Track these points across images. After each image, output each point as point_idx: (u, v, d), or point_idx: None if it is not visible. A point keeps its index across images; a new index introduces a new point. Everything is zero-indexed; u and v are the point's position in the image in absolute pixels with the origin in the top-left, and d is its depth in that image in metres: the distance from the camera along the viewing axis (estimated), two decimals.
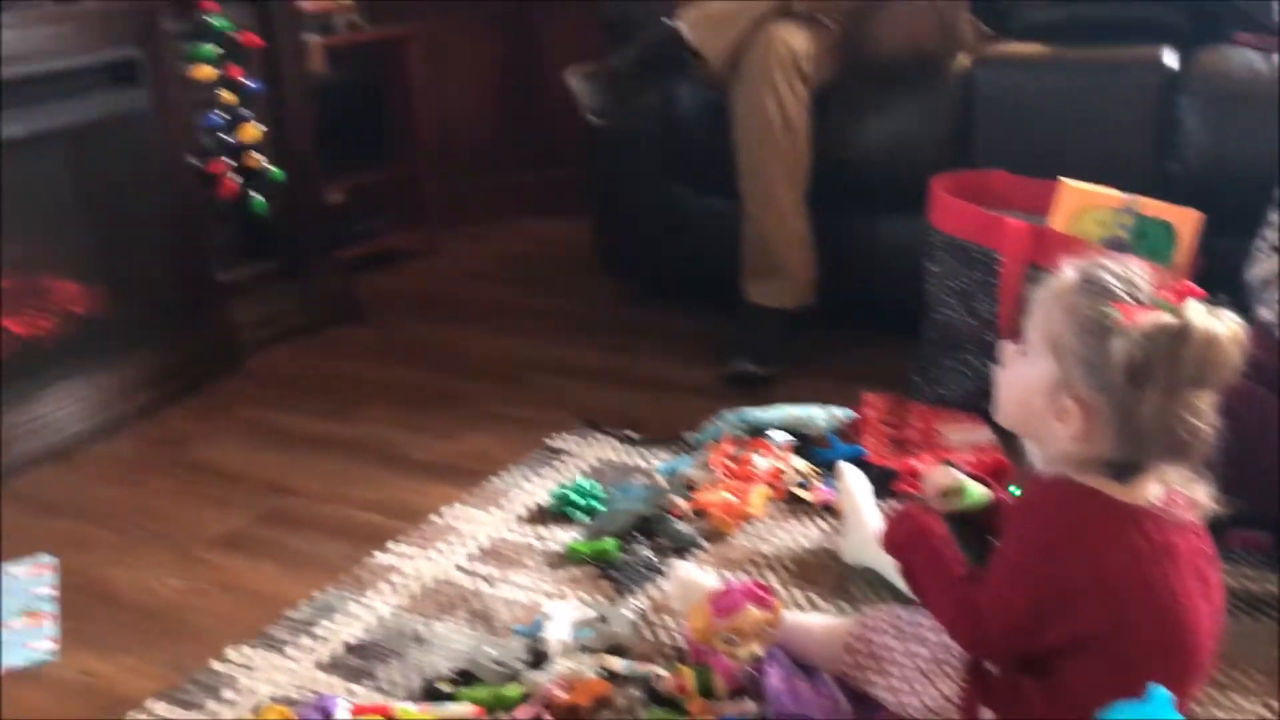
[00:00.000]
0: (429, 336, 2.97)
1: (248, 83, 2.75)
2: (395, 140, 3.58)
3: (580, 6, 3.61)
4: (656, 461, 2.14)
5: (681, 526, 1.87)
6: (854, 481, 1.82)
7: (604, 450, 2.21)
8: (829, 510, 1.93)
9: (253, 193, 2.79)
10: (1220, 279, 1.50)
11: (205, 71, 2.67)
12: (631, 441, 2.24)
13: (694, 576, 1.60)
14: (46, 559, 1.94)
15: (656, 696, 1.46)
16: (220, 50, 2.69)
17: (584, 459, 2.18)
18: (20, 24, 2.27)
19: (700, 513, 1.91)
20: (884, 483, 1.93)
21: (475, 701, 1.47)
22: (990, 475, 1.57)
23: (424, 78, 3.54)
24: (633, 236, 3.03)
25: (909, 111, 2.56)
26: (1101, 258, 1.23)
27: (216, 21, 2.67)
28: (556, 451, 2.22)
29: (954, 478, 1.44)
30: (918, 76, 2.56)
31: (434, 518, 2.00)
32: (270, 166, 2.82)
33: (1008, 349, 1.31)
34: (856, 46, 2.59)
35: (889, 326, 2.57)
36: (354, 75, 3.46)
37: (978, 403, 2.05)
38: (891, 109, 2.58)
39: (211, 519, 2.09)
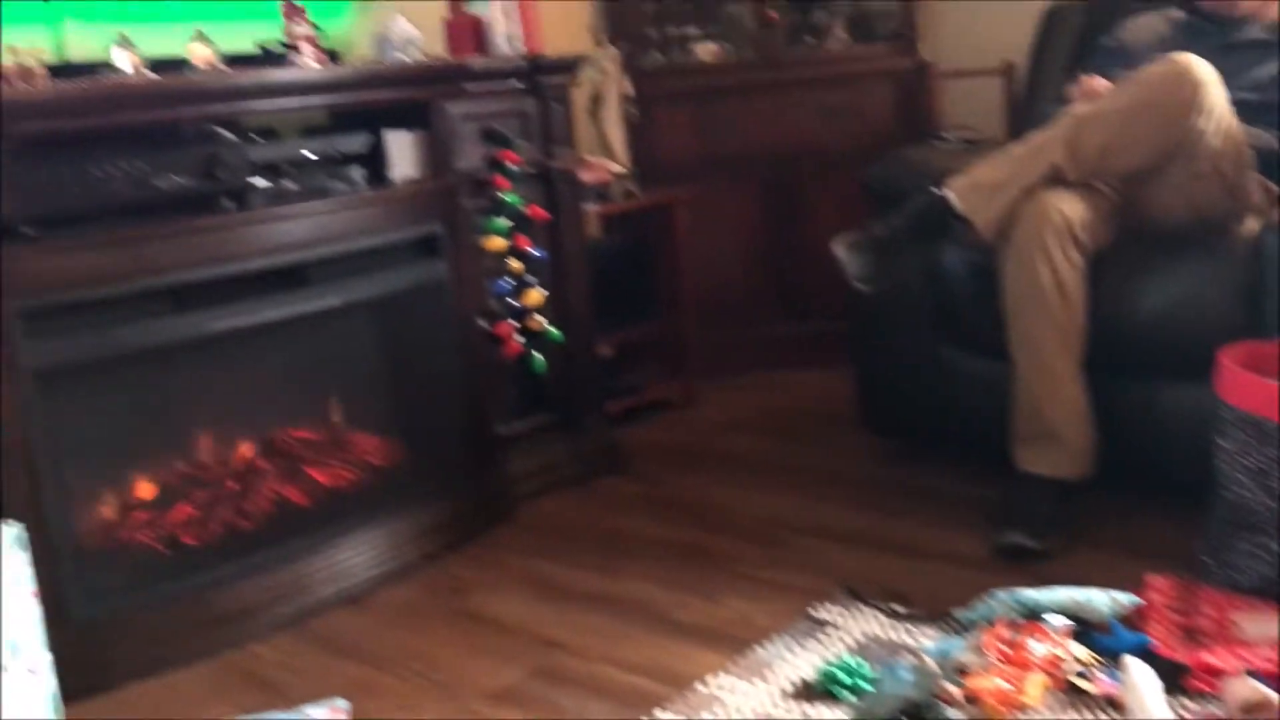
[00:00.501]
0: (689, 490, 3.03)
1: (533, 251, 2.96)
2: (662, 296, 3.73)
3: (841, 171, 3.71)
4: (924, 639, 2.09)
5: (953, 714, 1.81)
6: (1140, 675, 1.73)
7: (869, 624, 2.18)
8: (1112, 704, 1.83)
9: (534, 352, 2.97)
10: None
11: (497, 243, 2.89)
12: (898, 616, 2.20)
13: None
14: (341, 704, 2.08)
15: None
16: (510, 223, 2.91)
17: (849, 633, 2.16)
18: (342, 208, 2.55)
19: (973, 700, 1.85)
20: (1174, 678, 1.82)
21: None
22: None
23: (690, 237, 3.69)
24: (897, 394, 3.01)
25: (1192, 277, 2.47)
26: None
27: (508, 197, 2.89)
28: (821, 623, 2.21)
29: (1259, 692, 1.35)
30: (1201, 241, 2.47)
31: (699, 686, 2.03)
32: (550, 328, 3.00)
33: None
34: (1135, 212, 2.53)
35: (1171, 499, 2.44)
36: (626, 237, 3.65)
37: (1277, 591, 1.91)
38: (1173, 274, 2.49)
39: (487, 671, 2.18)
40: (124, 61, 2.43)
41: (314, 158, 2.59)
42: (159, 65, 2.46)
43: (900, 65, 3.91)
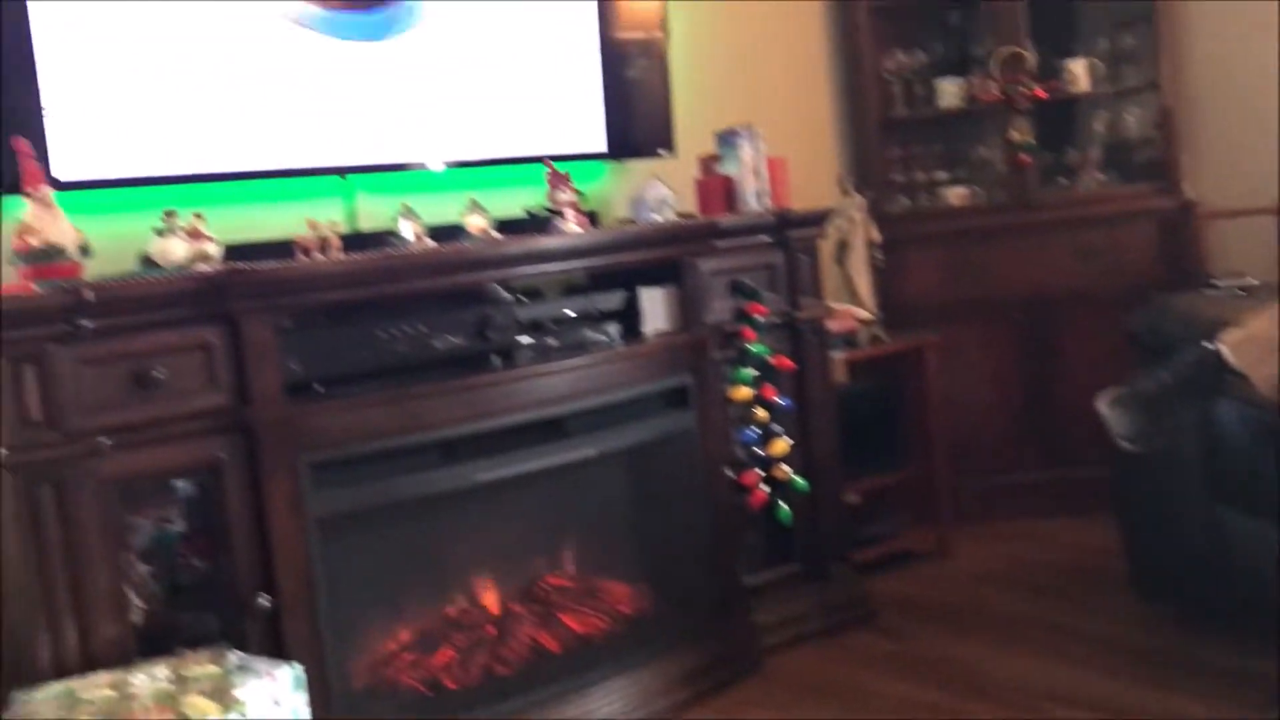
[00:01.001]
0: (941, 648, 2.93)
1: (779, 401, 2.98)
2: (911, 442, 3.67)
3: (1100, 314, 3.58)
4: None
5: None
6: None
7: None
8: None
9: (780, 501, 2.97)
10: None
11: (743, 393, 2.94)
12: None
13: None
14: None
15: None
16: (756, 373, 2.95)
17: None
18: (599, 363, 2.66)
19: None
20: None
21: None
22: None
23: (941, 381, 3.63)
24: (1168, 556, 2.83)
25: None
26: None
27: (755, 348, 2.95)
28: None
29: None
30: None
31: None
32: (796, 477, 3.00)
33: None
34: None
35: None
36: (874, 382, 3.63)
37: None
38: None
39: None
40: (408, 230, 2.64)
41: (574, 315, 2.73)
42: (438, 232, 2.67)
43: (1162, 204, 3.77)
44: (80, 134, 2.41)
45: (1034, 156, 3.83)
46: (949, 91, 3.95)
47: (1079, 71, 3.86)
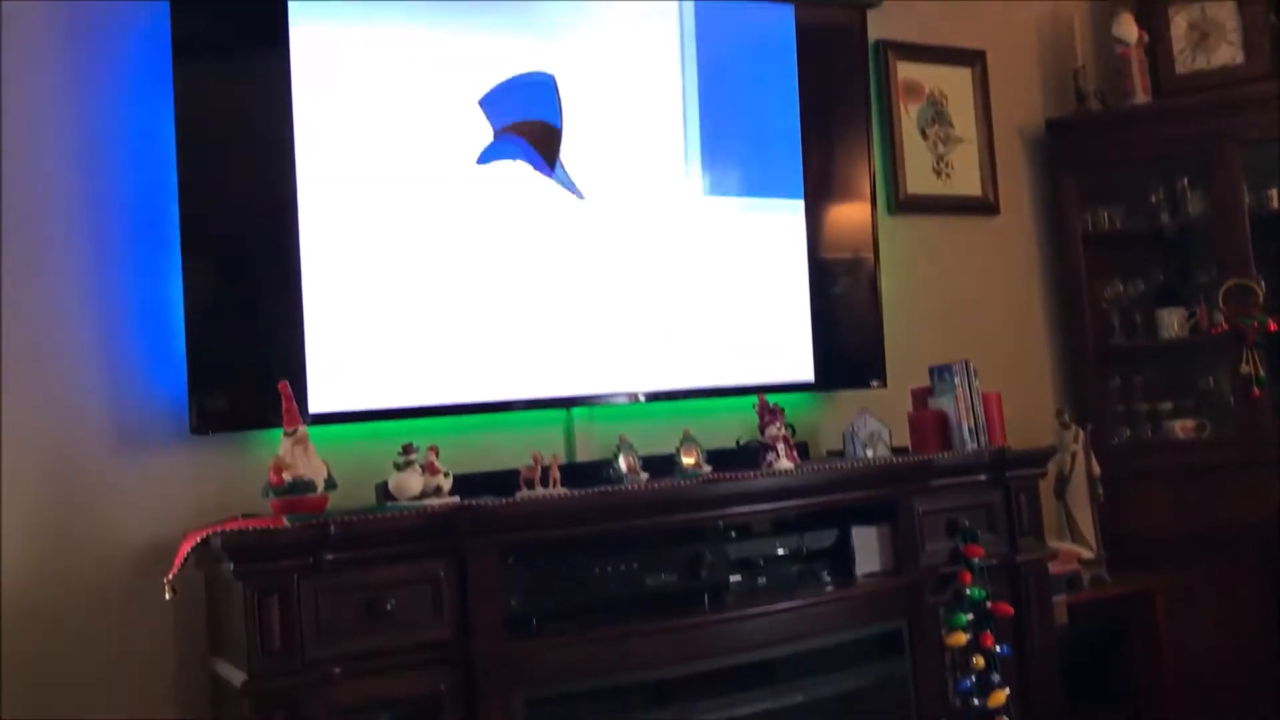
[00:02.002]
0: None
1: (997, 648, 2.85)
2: (1139, 690, 3.43)
3: None
4: None
5: None
6: None
7: None
8: None
9: None
10: None
11: (959, 638, 2.83)
12: None
13: None
14: None
15: None
16: (973, 618, 2.84)
17: None
18: (809, 605, 2.62)
19: None
20: None
21: None
22: None
23: (1171, 625, 3.40)
24: None
25: None
26: None
27: (972, 592, 2.85)
28: None
29: None
30: None
31: None
32: None
33: None
34: None
35: None
36: (1097, 626, 3.43)
37: None
38: None
39: None
40: (623, 463, 2.72)
41: (785, 553, 2.71)
42: (651, 463, 2.73)
43: None
44: (332, 371, 2.62)
45: (1265, 390, 3.66)
46: (1171, 321, 3.85)
47: None
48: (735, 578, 2.64)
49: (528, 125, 2.92)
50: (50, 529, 2.45)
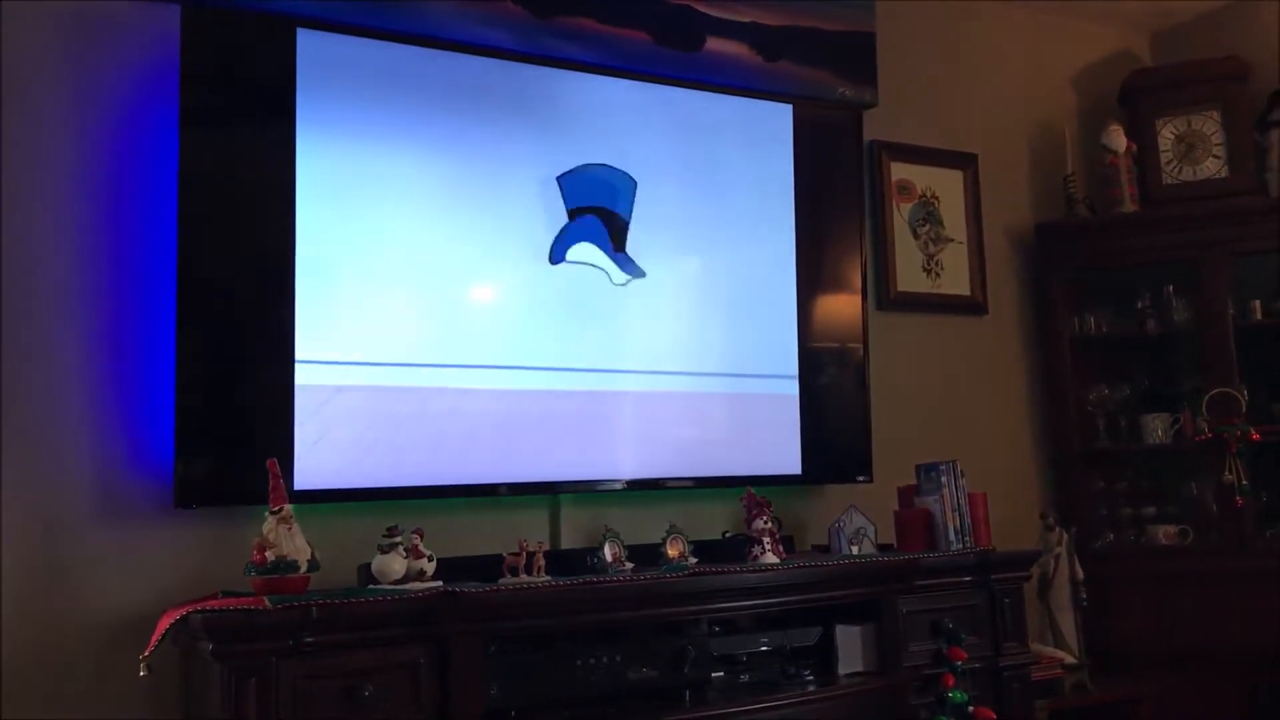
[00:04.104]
0: None
1: None
2: None
3: None
4: None
5: None
6: None
7: None
8: None
9: None
10: None
11: None
12: None
13: None
14: None
15: None
16: None
17: None
18: (792, 705, 2.59)
19: None
20: None
21: None
22: None
23: None
24: None
25: None
26: None
27: (955, 695, 2.82)
28: None
29: None
30: None
31: None
32: None
33: None
34: None
35: None
36: None
37: None
38: None
39: None
40: (608, 553, 2.70)
41: (768, 649, 2.69)
42: (637, 552, 2.72)
43: None
44: (320, 449, 2.61)
45: (1248, 498, 3.67)
46: (1156, 427, 3.88)
47: None
48: (718, 673, 2.61)
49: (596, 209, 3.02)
50: (29, 597, 2.42)
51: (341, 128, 2.71)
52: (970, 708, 2.83)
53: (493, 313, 2.90)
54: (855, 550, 3.00)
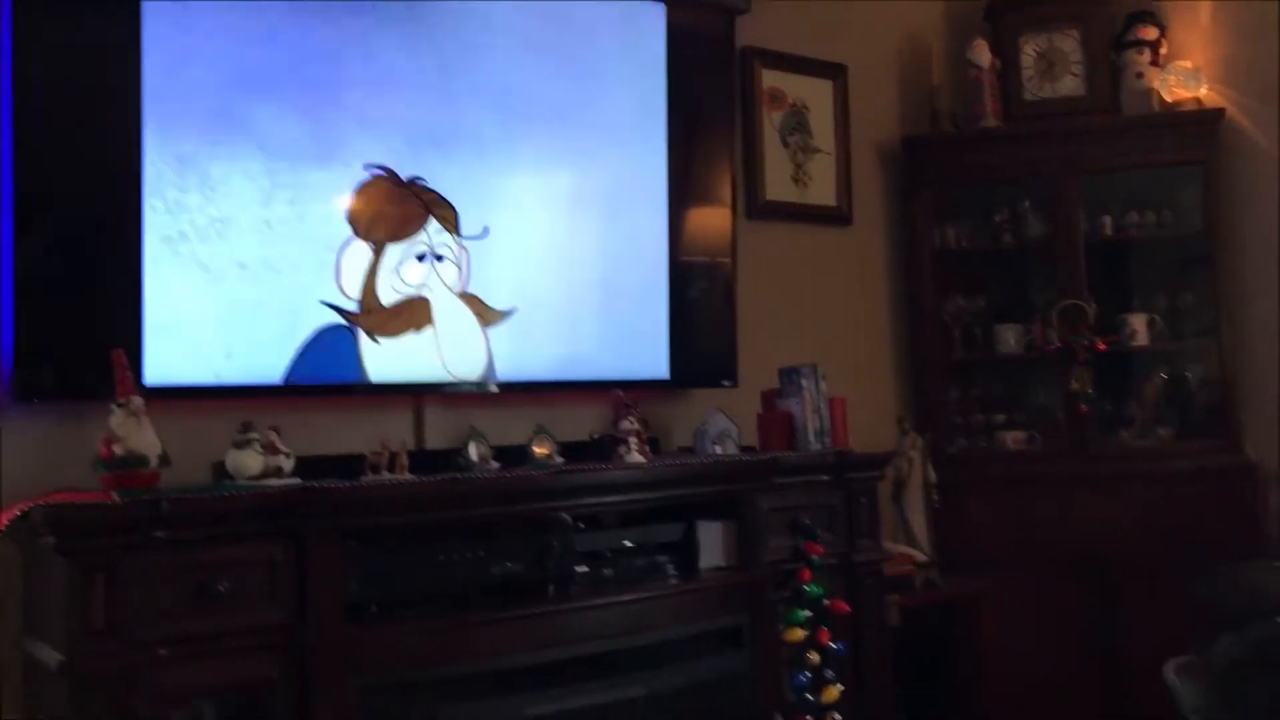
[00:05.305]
0: None
1: (833, 645, 2.92)
2: (963, 693, 3.56)
3: (1163, 573, 3.51)
4: None
5: None
6: None
7: None
8: None
9: None
10: None
11: (796, 634, 2.88)
12: None
13: None
14: None
15: None
16: (810, 615, 2.90)
17: None
18: (654, 597, 2.64)
19: None
20: None
21: None
22: None
23: (997, 631, 3.54)
24: None
25: None
26: None
27: (811, 589, 2.91)
28: None
29: None
30: None
31: None
32: None
33: None
34: None
35: None
36: (928, 628, 3.55)
37: None
38: None
39: None
40: (474, 452, 2.69)
41: (631, 546, 2.72)
42: (503, 453, 2.72)
43: (1223, 463, 3.75)
44: (170, 342, 2.51)
45: (1092, 406, 3.85)
46: (1009, 338, 4.02)
47: (1139, 326, 3.93)
48: (582, 569, 2.63)
49: None
50: None
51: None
52: (825, 601, 2.93)
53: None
54: (719, 451, 3.05)
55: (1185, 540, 3.60)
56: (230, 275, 2.60)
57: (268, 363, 2.66)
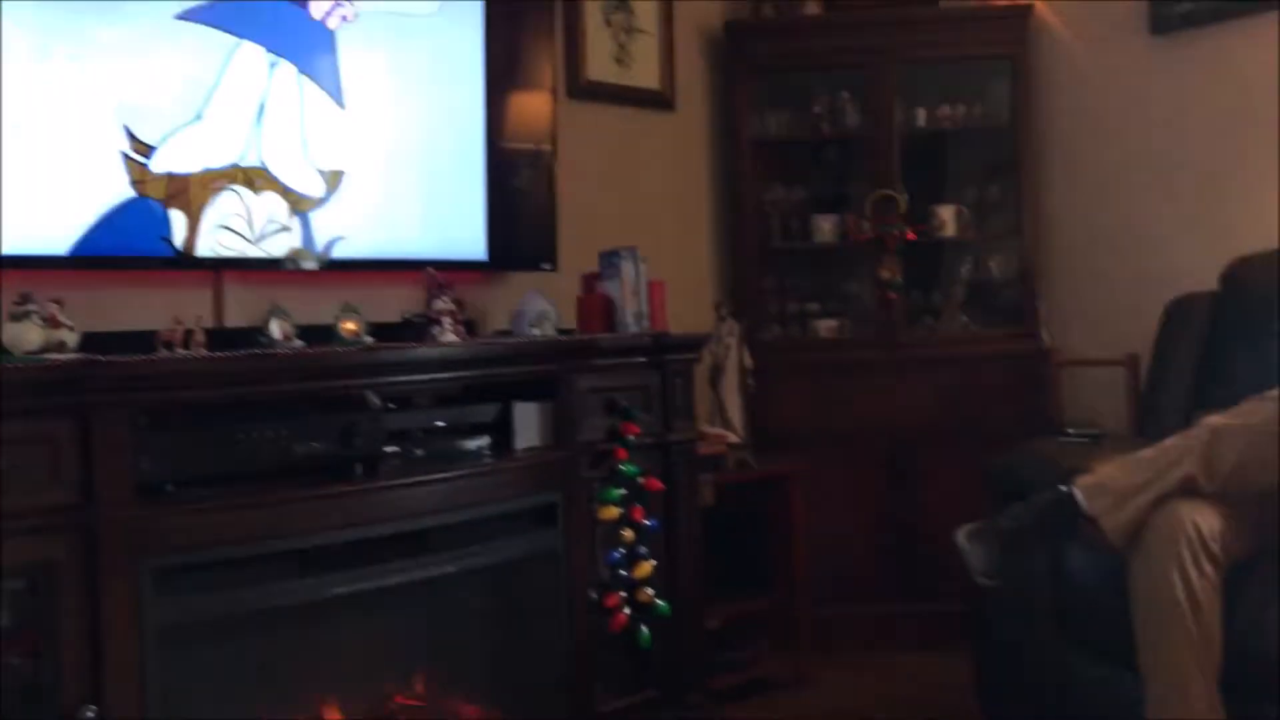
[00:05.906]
0: None
1: (646, 522, 2.97)
2: (773, 569, 3.68)
3: (960, 451, 3.67)
4: None
5: None
6: None
7: None
8: None
9: (642, 625, 2.93)
10: None
11: (611, 512, 2.92)
12: None
13: None
14: None
15: None
16: (625, 493, 2.94)
17: None
18: (467, 477, 2.61)
19: None
20: None
21: None
22: None
23: (805, 510, 3.66)
24: (1017, 695, 2.87)
25: None
26: None
27: (626, 468, 2.94)
28: None
29: None
30: None
31: None
32: (659, 601, 2.97)
33: None
34: (1275, 524, 2.44)
35: None
36: (740, 507, 3.64)
37: None
38: None
39: None
40: (276, 330, 2.58)
41: (444, 426, 2.68)
42: (309, 332, 2.62)
43: (1020, 349, 3.93)
44: None
45: (901, 295, 3.97)
46: (824, 227, 4.09)
47: (947, 217, 4.04)
48: (392, 449, 2.58)
49: None
50: None
51: None
52: (640, 479, 2.96)
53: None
54: (536, 333, 3.02)
55: (984, 421, 3.79)
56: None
57: (54, 234, 2.48)
